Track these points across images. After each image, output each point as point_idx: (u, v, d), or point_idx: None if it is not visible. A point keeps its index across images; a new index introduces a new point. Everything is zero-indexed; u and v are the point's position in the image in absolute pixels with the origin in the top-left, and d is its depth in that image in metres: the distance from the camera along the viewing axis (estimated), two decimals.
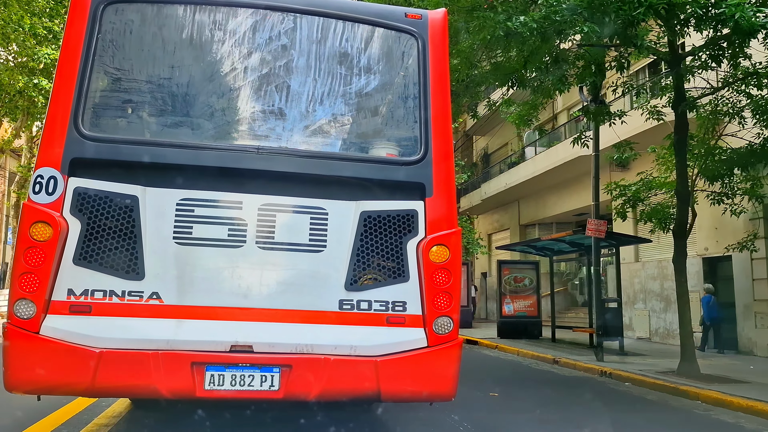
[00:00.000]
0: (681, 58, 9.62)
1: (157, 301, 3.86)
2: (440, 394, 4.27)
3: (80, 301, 3.78)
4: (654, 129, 12.34)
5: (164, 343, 3.80)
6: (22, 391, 3.84)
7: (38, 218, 3.77)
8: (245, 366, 3.88)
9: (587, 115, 11.46)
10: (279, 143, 4.26)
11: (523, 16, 7.84)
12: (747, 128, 10.43)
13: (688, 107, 9.83)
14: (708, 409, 7.86)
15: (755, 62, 9.39)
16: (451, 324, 4.16)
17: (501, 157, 25.96)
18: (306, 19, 4.39)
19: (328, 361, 3.93)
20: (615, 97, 12.47)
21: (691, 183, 10.63)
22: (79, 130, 3.92)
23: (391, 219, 4.20)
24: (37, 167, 3.88)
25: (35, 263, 3.73)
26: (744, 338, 13.66)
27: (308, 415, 5.40)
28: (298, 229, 4.10)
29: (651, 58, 10.19)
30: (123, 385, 3.88)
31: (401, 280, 4.16)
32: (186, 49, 4.29)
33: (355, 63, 4.51)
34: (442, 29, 4.57)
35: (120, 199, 3.90)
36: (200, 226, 3.97)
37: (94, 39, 4.04)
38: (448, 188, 4.33)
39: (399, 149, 4.50)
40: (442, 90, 4.46)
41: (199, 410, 5.25)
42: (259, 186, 4.09)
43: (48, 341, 3.69)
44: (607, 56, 10.10)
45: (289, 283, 4.06)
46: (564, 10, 7.69)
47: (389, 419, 6.33)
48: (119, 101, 4.26)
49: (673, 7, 7.80)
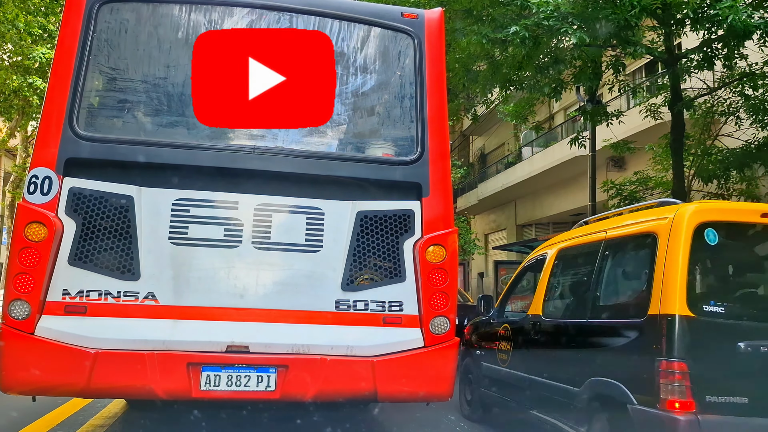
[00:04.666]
0: (677, 58, 9.63)
1: (152, 302, 3.85)
2: (437, 394, 4.27)
3: (75, 301, 3.77)
4: (651, 129, 12.36)
5: (160, 344, 3.79)
6: (17, 391, 3.83)
7: (33, 218, 3.75)
8: (241, 366, 3.87)
9: (584, 115, 11.48)
10: (275, 143, 4.25)
11: (515, 26, 7.85)
12: (743, 129, 10.46)
13: (684, 107, 9.85)
14: None
15: (751, 63, 9.41)
16: (447, 324, 4.16)
17: (498, 157, 25.98)
18: (302, 19, 4.38)
19: (324, 362, 3.92)
20: (612, 96, 12.49)
21: (687, 183, 10.65)
22: (74, 130, 3.90)
23: (387, 219, 4.19)
24: (31, 167, 3.86)
25: (30, 264, 3.71)
26: None
27: (305, 415, 5.39)
28: (295, 229, 4.09)
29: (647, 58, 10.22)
30: (118, 386, 3.87)
31: (398, 280, 4.16)
32: (182, 48, 4.27)
33: (351, 62, 4.51)
34: (438, 29, 4.56)
35: (115, 199, 3.89)
36: (196, 226, 3.96)
37: (89, 38, 4.02)
38: (445, 188, 4.33)
39: (395, 149, 4.50)
40: (439, 90, 4.45)
41: (195, 411, 5.23)
42: (255, 186, 4.08)
43: (43, 342, 3.68)
44: (604, 56, 10.12)
45: (285, 283, 4.05)
46: (555, 18, 7.69)
47: (386, 419, 6.32)
48: (114, 101, 4.25)
49: (669, 8, 7.81)
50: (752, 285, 4.32)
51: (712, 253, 3.96)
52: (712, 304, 3.78)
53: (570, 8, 7.67)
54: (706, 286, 4.09)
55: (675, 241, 3.81)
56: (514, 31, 7.77)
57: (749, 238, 4.19)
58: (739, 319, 3.82)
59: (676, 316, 3.64)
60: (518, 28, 7.76)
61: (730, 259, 4.20)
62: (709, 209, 4.10)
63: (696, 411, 3.48)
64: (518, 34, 7.75)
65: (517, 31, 7.75)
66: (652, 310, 3.80)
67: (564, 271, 5.48)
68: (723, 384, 3.58)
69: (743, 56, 9.01)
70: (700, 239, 3.81)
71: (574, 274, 5.44)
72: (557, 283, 5.48)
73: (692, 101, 10.19)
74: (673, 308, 3.66)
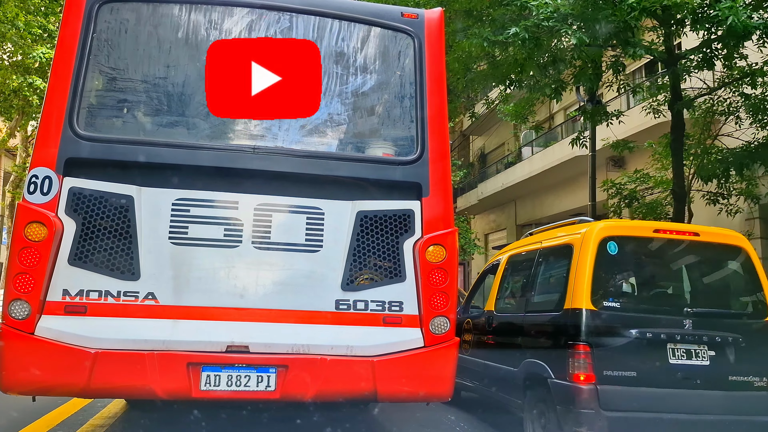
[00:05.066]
0: (677, 58, 9.63)
1: (152, 302, 3.85)
2: (437, 394, 4.27)
3: (75, 301, 3.77)
4: (651, 129, 12.36)
5: (160, 344, 3.79)
6: (17, 391, 3.83)
7: (33, 218, 3.75)
8: (241, 366, 3.87)
9: (584, 115, 11.47)
10: (275, 143, 4.25)
11: (515, 28, 7.85)
12: (743, 128, 10.46)
13: (684, 107, 9.84)
14: None
15: (751, 62, 9.41)
16: (447, 324, 4.16)
17: (498, 157, 25.97)
18: (302, 19, 4.38)
19: (324, 362, 3.92)
20: (612, 97, 12.48)
21: (687, 183, 10.65)
22: (74, 130, 3.90)
23: (387, 219, 4.19)
24: (31, 167, 3.86)
25: (30, 263, 3.71)
26: None
27: (305, 415, 5.39)
28: (295, 229, 4.09)
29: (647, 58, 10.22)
30: (118, 386, 3.87)
31: (398, 280, 4.16)
32: (182, 48, 4.27)
33: (351, 62, 4.51)
34: (438, 28, 4.56)
35: (115, 199, 3.89)
36: (196, 226, 3.96)
37: (89, 38, 4.02)
38: (445, 188, 4.33)
39: (395, 149, 4.50)
40: (439, 89, 4.45)
41: (195, 411, 5.23)
42: (255, 186, 4.08)
43: (43, 342, 3.68)
44: (604, 56, 10.13)
45: (285, 283, 4.05)
46: (555, 19, 7.69)
47: (386, 419, 6.33)
48: (114, 101, 4.25)
49: (668, 9, 7.81)
50: (643, 285, 5.37)
51: (612, 260, 5.02)
52: (611, 301, 4.85)
53: (569, 9, 7.67)
54: (607, 287, 5.06)
55: (584, 252, 4.85)
56: (514, 32, 7.78)
57: (643, 249, 5.29)
58: (631, 312, 4.88)
59: (583, 310, 4.65)
60: (518, 30, 7.77)
61: (627, 266, 5.32)
62: (613, 226, 5.19)
63: (596, 382, 4.48)
64: (518, 36, 7.76)
65: (517, 32, 7.76)
66: (567, 305, 4.82)
67: (511, 274, 6.54)
68: (617, 362, 4.59)
69: (743, 56, 9.01)
70: (604, 250, 4.87)
71: (518, 276, 6.43)
72: (506, 284, 6.54)
73: (692, 101, 10.19)
74: (581, 303, 4.68)
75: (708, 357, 4.66)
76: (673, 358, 4.62)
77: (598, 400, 4.43)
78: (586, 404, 4.44)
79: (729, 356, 4.73)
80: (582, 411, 4.45)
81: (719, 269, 5.58)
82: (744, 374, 4.70)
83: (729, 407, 4.62)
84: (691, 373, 4.61)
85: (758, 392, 4.70)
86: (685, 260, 5.53)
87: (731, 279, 5.53)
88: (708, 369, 4.63)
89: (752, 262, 5.15)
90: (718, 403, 4.61)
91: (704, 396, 4.60)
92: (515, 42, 7.96)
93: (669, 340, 4.65)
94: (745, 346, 4.77)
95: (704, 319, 4.82)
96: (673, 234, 5.17)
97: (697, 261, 5.53)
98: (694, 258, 5.50)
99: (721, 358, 4.69)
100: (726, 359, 4.71)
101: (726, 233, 5.46)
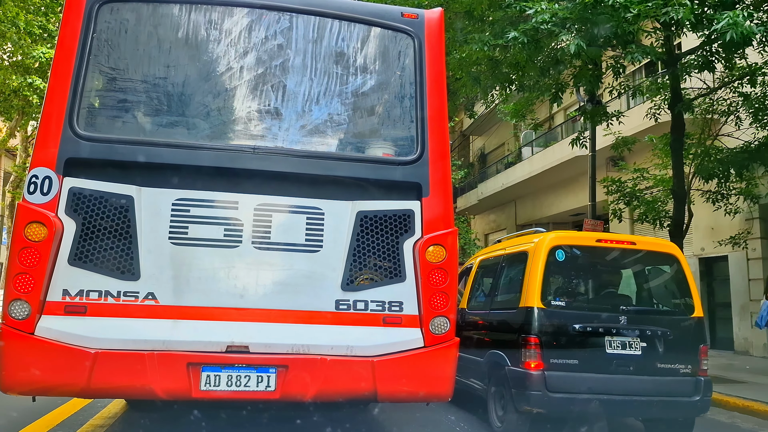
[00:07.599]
0: (677, 59, 9.63)
1: (152, 302, 3.85)
2: (437, 395, 4.27)
3: (75, 301, 3.77)
4: (651, 129, 12.36)
5: (160, 344, 3.79)
6: (17, 391, 3.82)
7: (33, 218, 3.74)
8: (241, 366, 3.87)
9: (584, 115, 11.47)
10: (275, 143, 4.25)
11: (514, 32, 7.85)
12: (743, 129, 10.46)
13: (684, 108, 9.84)
14: None
15: (751, 63, 9.40)
16: (447, 324, 4.16)
17: (498, 157, 25.97)
18: (302, 19, 4.38)
19: (324, 362, 3.92)
20: (611, 97, 12.48)
21: (687, 182, 10.65)
22: (74, 130, 3.90)
23: (387, 219, 4.19)
24: (31, 167, 3.86)
25: (30, 264, 3.71)
26: (740, 338, 13.68)
27: (305, 415, 5.39)
28: (294, 229, 4.09)
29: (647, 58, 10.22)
30: (118, 386, 3.86)
31: (398, 280, 4.16)
32: (182, 48, 4.27)
33: (351, 62, 4.50)
34: (438, 29, 4.56)
35: (115, 199, 3.89)
36: (196, 226, 3.96)
37: (89, 38, 4.02)
38: (445, 188, 4.33)
39: (395, 149, 4.50)
40: (439, 89, 4.45)
41: (195, 411, 5.23)
42: (255, 186, 4.08)
43: (43, 342, 3.68)
44: (604, 57, 10.12)
45: (285, 283, 4.05)
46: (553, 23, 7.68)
47: (386, 419, 6.33)
48: (114, 101, 4.24)
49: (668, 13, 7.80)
50: (585, 287, 6.37)
51: (560, 266, 5.84)
52: (557, 300, 5.74)
53: (568, 13, 7.67)
54: (554, 288, 5.90)
55: (536, 258, 5.62)
56: (514, 36, 7.79)
57: (587, 256, 6.12)
58: (575, 309, 5.80)
59: (534, 308, 5.41)
60: (517, 34, 7.77)
61: (572, 270, 6.20)
62: (561, 236, 5.97)
63: (544, 369, 5.22)
64: (518, 39, 7.77)
65: (516, 36, 7.77)
66: (521, 304, 5.59)
67: (481, 276, 7.33)
68: (562, 352, 5.33)
69: (743, 56, 9.00)
70: (553, 257, 5.66)
71: (486, 278, 7.22)
72: (477, 284, 7.33)
73: (692, 102, 10.19)
74: (532, 302, 5.44)
75: (640, 348, 5.41)
76: (610, 349, 5.37)
77: (545, 383, 5.18)
78: (535, 387, 5.18)
79: (658, 347, 5.49)
80: (532, 393, 5.20)
81: (653, 274, 6.45)
82: (671, 362, 5.47)
83: (657, 390, 5.39)
84: (625, 361, 5.37)
85: (683, 377, 5.46)
86: (623, 266, 6.38)
87: (664, 282, 6.33)
88: (640, 358, 5.39)
89: (682, 268, 5.87)
90: (648, 387, 5.38)
91: (636, 380, 5.36)
92: (515, 45, 7.97)
93: (606, 333, 5.41)
94: (672, 339, 5.54)
95: (637, 315, 5.67)
96: (613, 243, 6.03)
97: (634, 267, 6.38)
98: (631, 264, 6.36)
99: (652, 348, 5.45)
100: (656, 350, 5.47)
101: (661, 243, 6.33)
